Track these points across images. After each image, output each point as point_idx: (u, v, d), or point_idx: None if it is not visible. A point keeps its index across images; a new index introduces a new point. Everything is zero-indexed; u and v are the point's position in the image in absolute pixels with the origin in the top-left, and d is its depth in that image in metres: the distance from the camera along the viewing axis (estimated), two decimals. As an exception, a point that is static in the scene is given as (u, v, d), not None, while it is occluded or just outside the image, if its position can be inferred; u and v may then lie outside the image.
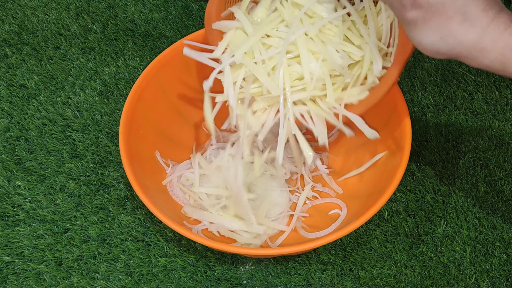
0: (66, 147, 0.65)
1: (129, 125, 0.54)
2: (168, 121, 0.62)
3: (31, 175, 0.63)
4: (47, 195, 0.62)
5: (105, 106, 0.68)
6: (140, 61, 0.72)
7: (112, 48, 0.73)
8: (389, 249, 0.58)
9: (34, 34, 0.74)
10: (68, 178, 0.63)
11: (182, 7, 0.76)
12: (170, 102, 0.61)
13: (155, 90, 0.58)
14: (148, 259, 0.58)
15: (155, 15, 0.76)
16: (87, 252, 0.58)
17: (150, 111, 0.58)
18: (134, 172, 0.51)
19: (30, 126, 0.66)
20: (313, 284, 0.57)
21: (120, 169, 0.63)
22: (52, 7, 0.77)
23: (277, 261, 0.58)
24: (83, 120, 0.67)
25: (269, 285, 0.57)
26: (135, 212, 0.60)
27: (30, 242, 0.59)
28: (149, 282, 0.57)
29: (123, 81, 0.70)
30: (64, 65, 0.71)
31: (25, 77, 0.70)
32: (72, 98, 0.68)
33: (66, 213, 0.60)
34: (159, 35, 0.74)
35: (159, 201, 0.54)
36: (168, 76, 0.59)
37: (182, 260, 0.58)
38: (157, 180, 0.59)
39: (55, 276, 0.57)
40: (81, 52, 0.73)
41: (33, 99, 0.69)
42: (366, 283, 0.56)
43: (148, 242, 0.59)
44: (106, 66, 0.71)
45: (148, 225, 0.60)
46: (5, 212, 0.60)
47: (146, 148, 0.58)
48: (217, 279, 0.57)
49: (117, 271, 0.57)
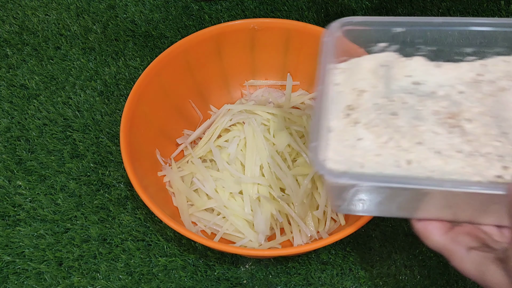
0: (66, 147, 0.65)
1: (130, 125, 0.55)
2: (169, 120, 0.62)
3: (31, 175, 0.63)
4: (48, 195, 0.62)
5: (106, 106, 0.68)
6: (141, 61, 0.72)
7: (113, 48, 0.73)
8: (388, 249, 0.58)
9: (34, 34, 0.74)
10: (69, 178, 0.63)
11: (182, 8, 0.77)
12: (170, 102, 0.61)
13: (156, 90, 0.58)
14: (149, 259, 0.58)
15: (156, 16, 0.76)
16: (88, 252, 0.58)
17: (151, 110, 0.58)
18: (134, 172, 0.51)
19: (30, 126, 0.66)
20: (313, 283, 0.57)
21: (120, 168, 0.63)
22: (52, 7, 0.77)
23: (277, 260, 0.58)
24: (83, 120, 0.67)
25: (269, 284, 0.57)
26: (136, 211, 0.61)
27: (31, 242, 0.59)
28: (149, 281, 0.57)
29: (124, 81, 0.70)
30: (65, 65, 0.71)
31: (26, 77, 0.70)
32: (72, 98, 0.69)
33: (67, 213, 0.60)
34: (159, 35, 0.74)
35: (159, 200, 0.54)
36: (168, 76, 0.59)
37: (182, 259, 0.58)
38: (158, 180, 0.59)
39: (55, 275, 0.57)
40: (81, 52, 0.73)
41: (33, 99, 0.69)
42: (365, 282, 0.56)
43: (149, 241, 0.59)
44: (106, 66, 0.71)
45: (149, 224, 0.60)
46: (6, 212, 0.61)
47: (146, 147, 0.58)
48: (217, 278, 0.57)
49: (117, 270, 0.57)
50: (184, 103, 0.63)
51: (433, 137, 0.39)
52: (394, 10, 0.76)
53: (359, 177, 0.36)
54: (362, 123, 0.40)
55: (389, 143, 0.39)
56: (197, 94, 0.64)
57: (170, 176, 0.59)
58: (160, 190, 0.58)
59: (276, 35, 0.62)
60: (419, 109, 0.41)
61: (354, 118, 0.41)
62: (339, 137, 0.40)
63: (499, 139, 0.38)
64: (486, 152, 0.38)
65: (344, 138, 0.40)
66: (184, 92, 0.63)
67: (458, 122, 0.40)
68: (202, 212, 0.58)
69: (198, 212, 0.57)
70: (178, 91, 0.62)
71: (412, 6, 0.76)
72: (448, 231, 0.39)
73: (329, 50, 0.43)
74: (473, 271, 0.37)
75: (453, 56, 0.45)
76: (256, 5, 0.76)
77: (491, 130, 0.39)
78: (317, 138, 0.37)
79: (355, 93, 0.43)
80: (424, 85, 0.43)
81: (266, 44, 0.63)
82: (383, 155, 0.39)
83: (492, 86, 0.42)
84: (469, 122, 0.40)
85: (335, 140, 0.40)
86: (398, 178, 0.36)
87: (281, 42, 0.63)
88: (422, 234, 0.40)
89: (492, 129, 0.39)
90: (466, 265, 0.37)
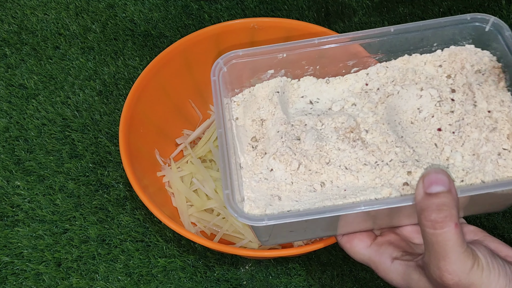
0: (65, 147, 0.64)
1: (129, 124, 0.54)
2: (168, 120, 0.61)
3: (30, 175, 0.63)
4: (46, 195, 0.61)
5: (105, 106, 0.68)
6: (140, 60, 0.71)
7: (112, 47, 0.73)
8: (389, 250, 0.58)
9: (33, 34, 0.74)
10: (68, 178, 0.62)
11: (182, 7, 0.76)
12: (170, 102, 0.61)
13: (155, 89, 0.58)
14: (148, 260, 0.57)
15: (155, 15, 0.75)
16: (86, 253, 0.58)
17: (150, 110, 0.58)
18: (133, 172, 0.51)
19: (29, 126, 0.66)
20: (313, 285, 0.56)
21: (119, 169, 0.63)
22: (51, 6, 0.77)
23: (277, 261, 0.58)
24: (82, 120, 0.66)
25: (269, 285, 0.57)
26: (135, 212, 0.60)
27: (29, 243, 0.58)
28: (148, 282, 0.56)
29: (123, 81, 0.70)
30: (64, 65, 0.71)
31: (25, 77, 0.70)
32: (71, 98, 0.68)
33: (65, 214, 0.60)
34: (158, 34, 0.74)
35: (158, 201, 0.54)
36: (168, 75, 0.59)
37: (182, 260, 0.58)
38: (157, 180, 0.58)
39: (54, 276, 0.57)
40: (80, 51, 0.72)
41: (32, 99, 0.68)
42: (366, 284, 0.56)
43: (148, 242, 0.59)
44: (105, 66, 0.71)
45: (148, 225, 0.59)
46: (4, 213, 0.60)
47: (145, 148, 0.58)
48: (217, 279, 0.57)
49: (116, 271, 0.57)
50: (183, 103, 0.63)
51: (339, 154, 0.41)
52: (394, 9, 0.75)
53: (276, 217, 0.37)
54: (269, 154, 0.41)
55: (300, 169, 0.40)
56: (197, 93, 0.64)
57: (170, 176, 0.59)
58: (160, 191, 0.58)
59: (276, 35, 0.62)
60: (319, 129, 0.42)
61: (261, 149, 0.42)
62: (251, 172, 0.41)
63: (398, 144, 0.40)
64: (389, 159, 0.39)
65: (256, 172, 0.41)
66: (183, 92, 0.62)
67: (359, 134, 0.41)
68: (202, 213, 0.57)
69: (197, 213, 0.57)
70: (177, 90, 0.62)
71: (413, 6, 0.75)
72: (371, 243, 0.41)
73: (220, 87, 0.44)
74: (399, 280, 0.39)
75: (340, 70, 0.47)
76: (256, 4, 0.76)
77: (389, 137, 0.40)
78: (229, 185, 0.38)
79: (255, 124, 0.44)
80: (318, 103, 0.45)
81: (266, 44, 0.63)
82: (297, 182, 0.40)
83: (379, 93, 0.44)
84: (367, 133, 0.41)
85: (247, 177, 0.40)
86: (313, 211, 0.37)
87: (281, 41, 0.62)
88: (348, 249, 0.42)
89: (389, 136, 0.40)
90: (392, 276, 0.39)
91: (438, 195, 0.34)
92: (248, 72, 0.46)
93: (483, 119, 0.40)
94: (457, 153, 0.39)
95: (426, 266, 0.36)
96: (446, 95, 0.42)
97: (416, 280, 0.37)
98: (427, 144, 0.40)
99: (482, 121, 0.40)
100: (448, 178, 0.35)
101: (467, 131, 0.40)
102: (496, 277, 0.35)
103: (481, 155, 0.39)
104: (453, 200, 0.34)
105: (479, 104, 0.41)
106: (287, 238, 0.43)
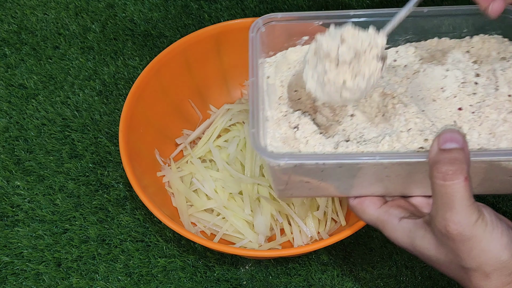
0: (65, 147, 0.64)
1: (129, 124, 0.54)
2: (168, 120, 0.61)
3: (30, 175, 0.63)
4: (46, 195, 0.61)
5: (104, 106, 0.68)
6: (140, 60, 0.71)
7: (112, 47, 0.73)
8: (389, 250, 0.58)
9: (33, 34, 0.74)
10: (67, 178, 0.62)
11: (182, 7, 0.76)
12: (170, 101, 0.61)
13: (155, 90, 0.58)
14: (148, 260, 0.57)
15: (155, 15, 0.75)
16: (86, 253, 0.58)
17: (150, 110, 0.58)
18: (133, 172, 0.51)
19: (29, 126, 0.66)
20: (314, 284, 0.56)
21: (119, 169, 0.63)
22: (51, 6, 0.77)
23: (277, 261, 0.58)
24: (82, 120, 0.66)
25: (269, 285, 0.57)
26: (135, 212, 0.60)
27: (29, 243, 0.58)
28: (148, 282, 0.56)
29: (123, 81, 0.69)
30: (63, 65, 0.71)
31: (24, 76, 0.70)
32: (71, 98, 0.68)
33: (65, 214, 0.60)
34: (158, 34, 0.74)
35: (158, 201, 0.54)
36: (168, 75, 0.59)
37: (182, 260, 0.58)
38: (157, 180, 0.58)
39: (54, 276, 0.57)
40: (80, 51, 0.72)
41: (32, 99, 0.68)
42: (366, 283, 0.56)
43: (148, 242, 0.59)
44: (105, 66, 0.71)
45: (148, 225, 0.59)
46: (4, 213, 0.60)
47: (145, 148, 0.58)
48: (217, 279, 0.57)
49: (116, 271, 0.57)
50: (183, 103, 0.63)
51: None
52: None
53: (298, 157, 0.39)
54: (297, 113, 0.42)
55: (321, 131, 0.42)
56: (197, 93, 0.64)
57: (169, 177, 0.59)
58: (159, 191, 0.58)
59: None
60: None
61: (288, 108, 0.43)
62: (275, 126, 0.42)
63: (419, 116, 0.41)
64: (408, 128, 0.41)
65: (280, 126, 0.42)
66: (183, 92, 0.62)
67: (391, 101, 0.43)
68: (202, 213, 0.57)
69: (197, 213, 0.57)
70: (177, 90, 0.61)
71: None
72: (381, 205, 0.42)
73: (257, 45, 0.45)
74: (404, 238, 0.40)
75: None
76: (256, 4, 0.76)
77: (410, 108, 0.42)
78: (255, 125, 0.40)
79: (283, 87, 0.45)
80: None
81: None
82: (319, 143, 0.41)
83: (406, 70, 0.45)
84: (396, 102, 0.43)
85: (272, 129, 0.42)
86: (334, 155, 0.39)
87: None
88: (358, 209, 0.43)
89: (412, 108, 0.42)
90: (398, 234, 0.40)
91: (451, 151, 0.36)
92: (284, 36, 0.47)
93: (503, 102, 0.42)
94: (475, 131, 0.41)
95: (433, 219, 0.37)
96: (470, 78, 0.43)
97: (421, 236, 0.38)
98: (446, 121, 0.41)
99: (502, 104, 0.41)
100: (463, 137, 0.36)
101: (486, 112, 0.41)
102: (498, 235, 0.36)
103: (497, 134, 0.40)
104: (465, 157, 0.35)
105: (501, 88, 0.42)
106: (301, 191, 0.44)
